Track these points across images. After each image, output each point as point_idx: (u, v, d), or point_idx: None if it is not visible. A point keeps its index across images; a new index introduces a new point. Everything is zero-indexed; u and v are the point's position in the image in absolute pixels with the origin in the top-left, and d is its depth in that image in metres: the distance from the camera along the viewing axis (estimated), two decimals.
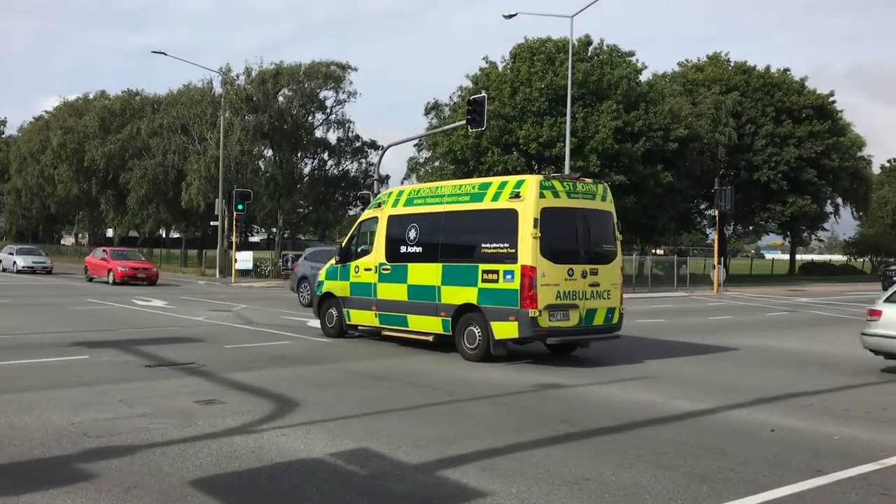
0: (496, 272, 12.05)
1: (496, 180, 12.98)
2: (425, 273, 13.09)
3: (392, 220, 14.01)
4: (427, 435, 7.11)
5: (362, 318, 14.33)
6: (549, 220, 11.94)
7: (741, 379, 10.87)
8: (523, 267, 11.70)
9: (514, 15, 32.04)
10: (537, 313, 11.60)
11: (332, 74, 51.51)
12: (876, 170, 58.87)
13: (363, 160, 55.23)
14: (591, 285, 12.33)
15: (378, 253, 14.01)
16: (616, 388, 9.85)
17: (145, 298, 24.38)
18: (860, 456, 6.68)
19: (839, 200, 59.11)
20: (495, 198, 12.49)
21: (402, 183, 50.26)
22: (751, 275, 62.82)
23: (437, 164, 46.38)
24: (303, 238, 75.07)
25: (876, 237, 73.18)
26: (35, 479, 5.61)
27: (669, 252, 59.20)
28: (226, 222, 41.25)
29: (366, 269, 14.23)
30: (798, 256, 75.66)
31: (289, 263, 42.04)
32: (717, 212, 36.76)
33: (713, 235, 40.90)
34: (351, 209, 59.02)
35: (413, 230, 13.52)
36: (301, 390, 9.19)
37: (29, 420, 7.39)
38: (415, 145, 50.38)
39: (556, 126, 38.66)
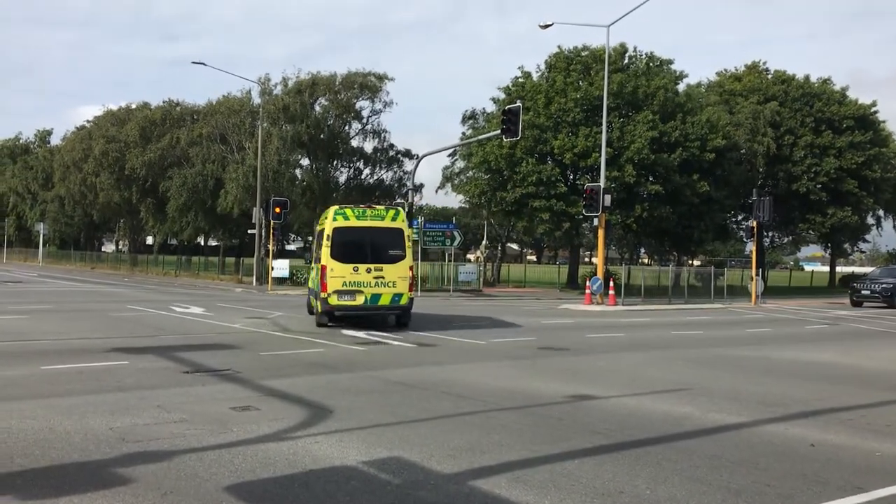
0: (314, 268, 19.72)
1: (327, 211, 19.38)
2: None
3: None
4: (459, 444, 7.11)
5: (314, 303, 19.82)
6: (339, 235, 18.03)
7: (778, 392, 10.71)
8: (321, 266, 17.96)
9: (550, 25, 31.98)
10: (327, 295, 17.77)
11: (369, 84, 51.90)
12: None
13: (398, 169, 55.54)
14: (375, 278, 17.88)
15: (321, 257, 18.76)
16: (650, 401, 9.76)
17: (184, 305, 24.72)
18: None
19: (881, 212, 58.01)
20: (322, 222, 19.76)
21: (436, 192, 51.29)
22: (790, 287, 61.84)
23: (470, 173, 46.44)
24: None
25: None
26: (74, 483, 5.71)
27: (706, 263, 58.55)
28: (263, 230, 41.67)
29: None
30: (839, 268, 74.35)
31: None
32: (754, 222, 36.27)
33: (751, 246, 40.33)
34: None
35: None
36: (335, 397, 9.25)
37: (69, 424, 7.53)
38: (449, 155, 50.57)
39: (591, 136, 38.50)
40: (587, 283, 32.26)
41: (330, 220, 18.21)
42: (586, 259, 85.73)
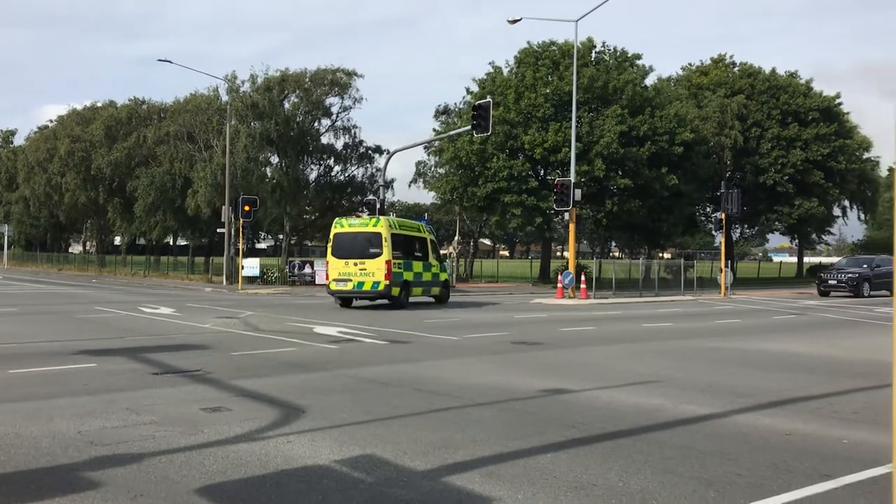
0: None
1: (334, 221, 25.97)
2: None
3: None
4: (433, 441, 7.10)
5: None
6: (338, 239, 25.03)
7: (748, 382, 10.83)
8: (327, 261, 25.43)
9: (519, 20, 32.07)
10: (329, 282, 25.05)
11: (338, 81, 51.64)
12: (884, 170, 58.52)
13: (369, 165, 55.34)
14: (360, 269, 24.22)
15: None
16: (622, 393, 9.82)
17: (153, 306, 24.46)
18: (869, 460, 6.64)
19: (846, 203, 58.92)
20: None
21: (409, 186, 51.69)
22: (758, 278, 62.67)
23: (442, 170, 46.45)
24: (309, 244, 75.16)
25: (884, 239, 72.85)
26: (41, 488, 5.62)
27: (676, 255, 59.09)
28: (232, 229, 41.35)
29: None
30: (806, 259, 75.43)
31: (295, 269, 42.13)
32: (723, 215, 36.67)
33: (720, 238, 40.81)
34: (358, 214, 59.09)
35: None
36: (307, 397, 9.20)
37: (36, 428, 7.41)
38: (425, 148, 50.54)
39: (561, 131, 38.67)
40: (559, 278, 32.43)
41: (333, 227, 25.40)
42: (558, 253, 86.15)
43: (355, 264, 24.22)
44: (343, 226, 25.13)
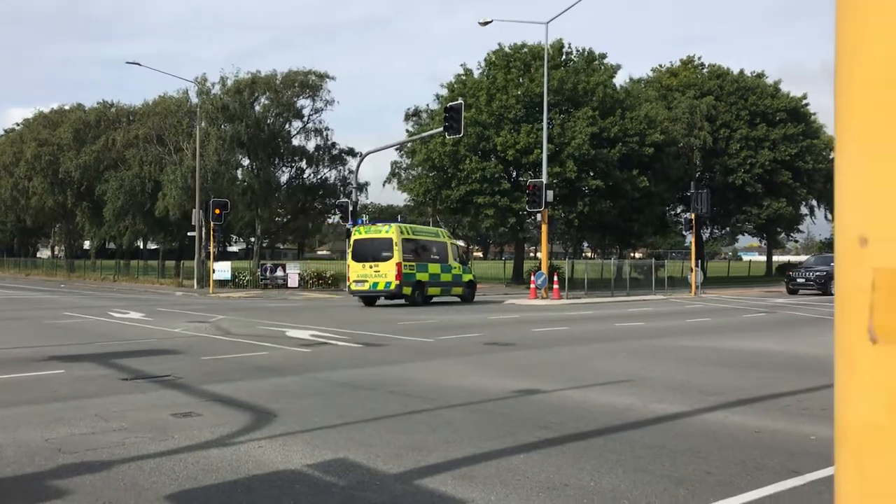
0: None
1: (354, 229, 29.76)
2: None
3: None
4: (405, 443, 7.09)
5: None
6: (357, 244, 28.43)
7: (719, 381, 10.94)
8: (348, 264, 29.56)
9: (490, 22, 32.14)
10: (350, 283, 28.68)
11: (310, 83, 51.47)
12: None
13: (341, 168, 55.21)
14: (374, 271, 27.30)
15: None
16: (594, 393, 9.87)
17: (122, 311, 24.17)
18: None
19: (814, 202, 59.79)
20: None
21: (383, 186, 52.66)
22: (728, 277, 63.32)
23: (415, 172, 46.43)
24: (281, 247, 74.74)
25: None
26: (6, 498, 5.52)
27: (647, 255, 59.56)
28: (203, 232, 40.98)
29: None
30: (775, 258, 76.36)
31: (267, 273, 41.86)
32: (693, 215, 37.03)
33: (690, 238, 41.21)
34: (330, 217, 58.87)
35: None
36: (279, 401, 9.14)
37: (1, 437, 7.28)
38: (397, 150, 50.50)
39: (532, 133, 38.84)
40: (532, 278, 32.52)
41: (353, 234, 29.13)
42: (532, 254, 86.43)
43: (370, 267, 27.33)
44: (361, 233, 28.75)
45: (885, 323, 0.82)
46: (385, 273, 27.01)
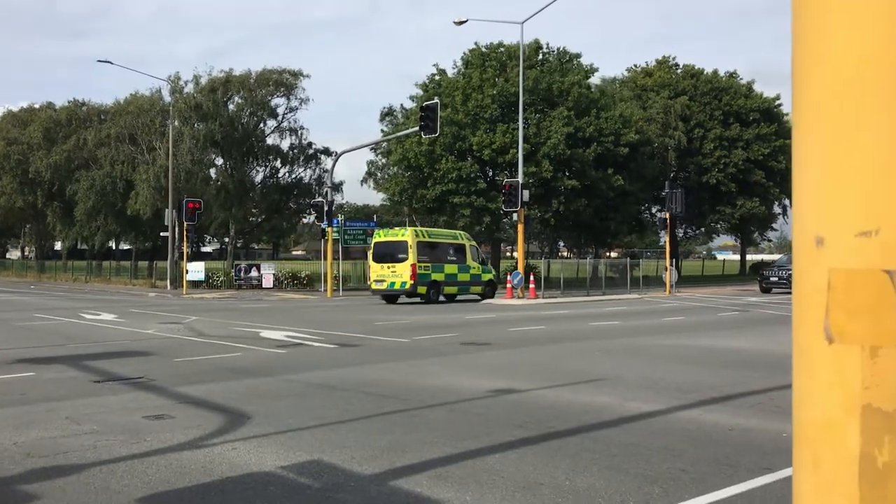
0: None
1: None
2: None
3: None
4: (381, 444, 7.07)
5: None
6: (376, 247, 30.49)
7: (693, 379, 11.02)
8: (369, 265, 31.94)
9: (465, 21, 32.16)
10: (371, 282, 30.88)
11: (284, 82, 51.16)
12: None
13: (316, 167, 54.90)
14: (391, 271, 29.24)
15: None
16: (570, 392, 9.90)
17: (94, 312, 23.90)
18: None
19: (787, 202, 60.42)
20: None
21: (361, 185, 53.06)
22: (703, 276, 63.88)
23: (391, 171, 46.35)
24: (256, 247, 74.24)
25: None
26: None
27: (623, 255, 59.90)
28: (176, 232, 40.63)
29: None
30: (749, 257, 77.14)
31: (241, 273, 41.59)
32: (667, 214, 37.30)
33: (665, 238, 41.50)
34: (305, 217, 58.55)
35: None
36: (253, 402, 9.07)
37: None
38: (372, 149, 50.35)
39: (508, 132, 38.92)
40: (508, 278, 32.60)
41: (374, 238, 31.60)
42: (508, 254, 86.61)
43: (388, 267, 29.37)
44: (380, 236, 31.11)
45: (840, 322, 0.82)
46: (401, 273, 29.00)
